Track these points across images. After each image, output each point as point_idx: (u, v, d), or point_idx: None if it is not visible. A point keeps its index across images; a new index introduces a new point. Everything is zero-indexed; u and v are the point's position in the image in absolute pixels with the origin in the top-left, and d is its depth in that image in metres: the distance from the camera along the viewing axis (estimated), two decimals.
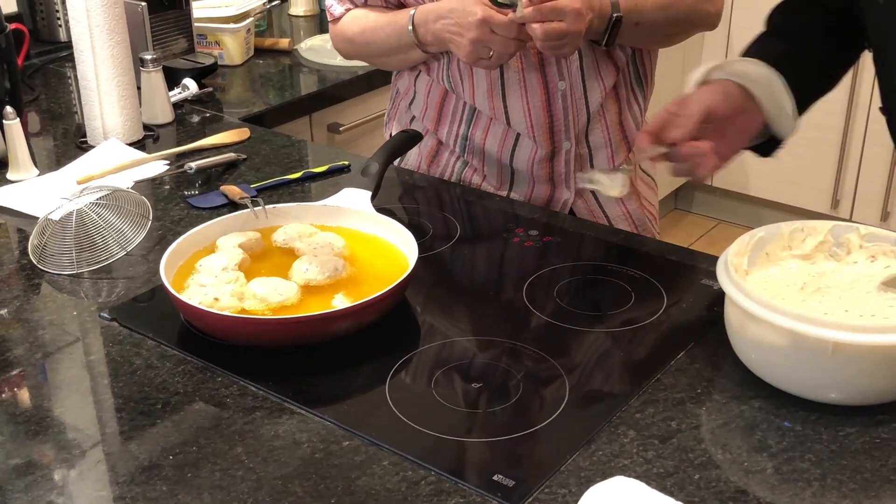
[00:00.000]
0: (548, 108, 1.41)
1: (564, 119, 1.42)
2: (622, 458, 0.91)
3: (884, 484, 0.88)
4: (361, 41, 1.48)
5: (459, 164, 1.52)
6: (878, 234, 1.09)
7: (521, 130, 1.43)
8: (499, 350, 1.08)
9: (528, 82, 1.39)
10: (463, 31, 1.29)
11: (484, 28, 1.26)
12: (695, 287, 1.19)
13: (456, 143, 1.50)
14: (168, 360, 1.07)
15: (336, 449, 0.92)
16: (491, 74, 1.40)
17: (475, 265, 1.31)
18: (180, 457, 0.92)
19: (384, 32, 1.43)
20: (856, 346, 0.92)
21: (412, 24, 1.37)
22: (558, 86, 1.40)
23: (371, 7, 1.47)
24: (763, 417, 0.96)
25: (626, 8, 1.33)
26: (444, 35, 1.33)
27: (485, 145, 1.47)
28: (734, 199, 3.52)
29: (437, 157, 1.54)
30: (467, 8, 1.28)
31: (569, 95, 1.41)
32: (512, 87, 1.40)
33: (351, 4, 1.49)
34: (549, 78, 1.39)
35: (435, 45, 1.38)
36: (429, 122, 1.51)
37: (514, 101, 1.41)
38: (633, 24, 1.34)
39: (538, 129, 1.42)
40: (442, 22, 1.32)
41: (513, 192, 1.49)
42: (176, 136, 1.72)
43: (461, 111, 1.47)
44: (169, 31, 1.98)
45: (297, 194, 1.45)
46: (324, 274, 1.13)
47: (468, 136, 1.48)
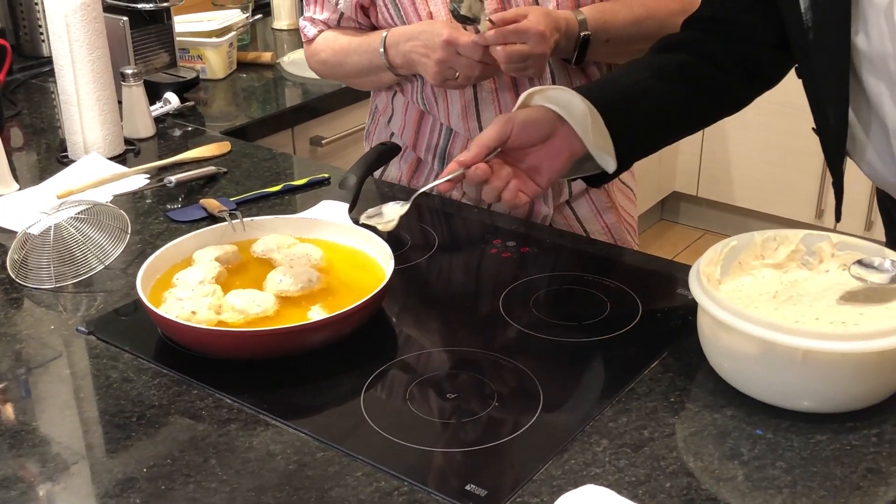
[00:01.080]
0: None
1: None
2: (594, 466, 0.91)
3: (853, 490, 0.88)
4: (335, 62, 1.49)
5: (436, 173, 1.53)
6: (849, 243, 1.10)
7: None
8: (474, 361, 1.09)
9: (501, 102, 1.40)
10: (429, 53, 1.30)
11: (449, 49, 1.27)
12: (670, 297, 1.20)
13: (435, 160, 1.51)
14: (144, 373, 1.07)
15: (310, 460, 0.93)
16: (465, 95, 1.40)
17: (452, 276, 1.32)
18: (155, 469, 0.92)
19: (356, 54, 1.45)
20: (826, 354, 0.92)
21: (384, 46, 1.39)
22: None
23: (344, 29, 1.48)
24: (735, 425, 0.97)
25: (595, 26, 1.33)
26: (412, 57, 1.34)
27: None
28: (719, 210, 3.54)
29: (418, 173, 1.55)
30: (434, 29, 1.30)
31: None
32: (486, 108, 1.41)
33: (324, 26, 1.50)
34: None
35: (404, 67, 1.38)
36: (407, 139, 1.52)
37: (488, 122, 1.40)
38: (603, 42, 1.35)
39: None
40: (411, 43, 1.34)
41: (492, 207, 1.50)
42: (157, 150, 1.73)
43: (438, 129, 1.48)
44: (151, 46, 1.99)
45: (276, 207, 1.46)
46: (297, 285, 1.13)
47: (446, 154, 1.49)
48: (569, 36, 1.32)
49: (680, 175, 3.56)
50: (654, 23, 1.41)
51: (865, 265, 1.04)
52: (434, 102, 1.44)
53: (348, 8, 1.44)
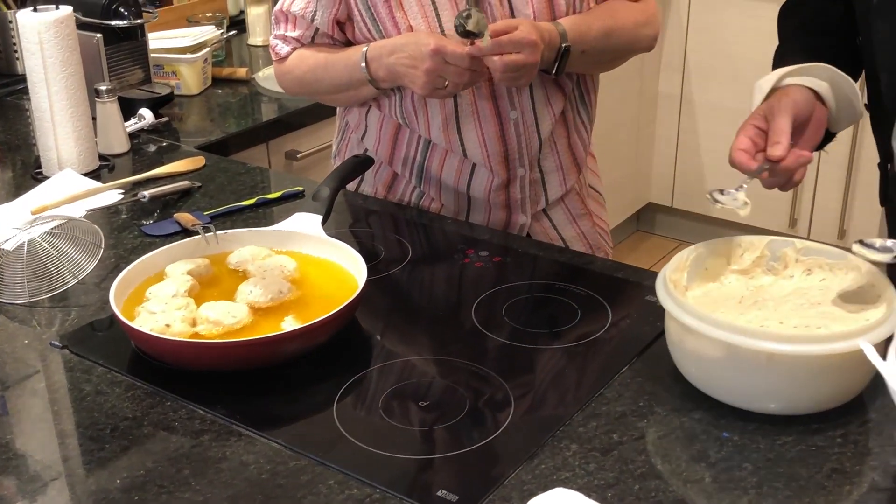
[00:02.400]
0: (502, 137, 1.43)
1: (518, 147, 1.45)
2: (564, 470, 0.93)
3: (818, 490, 0.90)
4: (310, 79, 1.48)
5: (416, 194, 1.53)
6: (813, 248, 1.12)
7: (476, 160, 1.45)
8: (446, 368, 1.10)
9: (481, 113, 1.42)
10: (417, 63, 1.30)
11: (437, 58, 1.28)
12: (639, 303, 1.22)
13: (412, 175, 1.51)
14: (118, 386, 1.07)
15: (282, 469, 0.93)
16: (445, 108, 1.42)
17: (426, 286, 1.33)
18: (128, 481, 0.93)
19: (335, 70, 1.44)
20: (789, 357, 0.94)
21: (365, 60, 1.38)
22: (510, 115, 1.42)
23: (318, 46, 1.48)
24: (702, 429, 0.98)
25: (573, 38, 1.36)
26: (397, 69, 1.34)
27: (441, 176, 1.49)
28: (694, 220, 3.57)
29: (394, 187, 1.56)
30: (420, 40, 1.30)
31: (521, 124, 1.43)
32: (466, 119, 1.42)
33: (297, 43, 1.49)
34: (502, 108, 1.42)
35: (388, 80, 1.38)
36: (382, 154, 1.52)
37: (468, 133, 1.43)
38: (579, 53, 1.38)
39: (494, 157, 1.44)
40: (395, 56, 1.34)
41: (470, 218, 1.51)
42: (132, 165, 1.73)
43: (416, 144, 1.49)
44: (125, 62, 2.00)
45: (250, 220, 1.46)
46: (267, 296, 1.14)
47: (424, 168, 1.49)
48: (551, 47, 1.34)
49: (655, 187, 3.59)
50: (622, 34, 1.44)
51: (866, 245, 1.05)
52: (414, 116, 1.45)
53: (324, 24, 1.44)
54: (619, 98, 3.21)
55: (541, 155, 1.48)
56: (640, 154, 3.47)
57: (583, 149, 1.53)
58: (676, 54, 3.36)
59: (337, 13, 1.43)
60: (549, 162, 1.49)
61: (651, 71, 3.37)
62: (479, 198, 1.49)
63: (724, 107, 3.30)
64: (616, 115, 3.24)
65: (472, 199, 1.50)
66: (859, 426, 0.98)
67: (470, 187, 1.48)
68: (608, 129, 3.19)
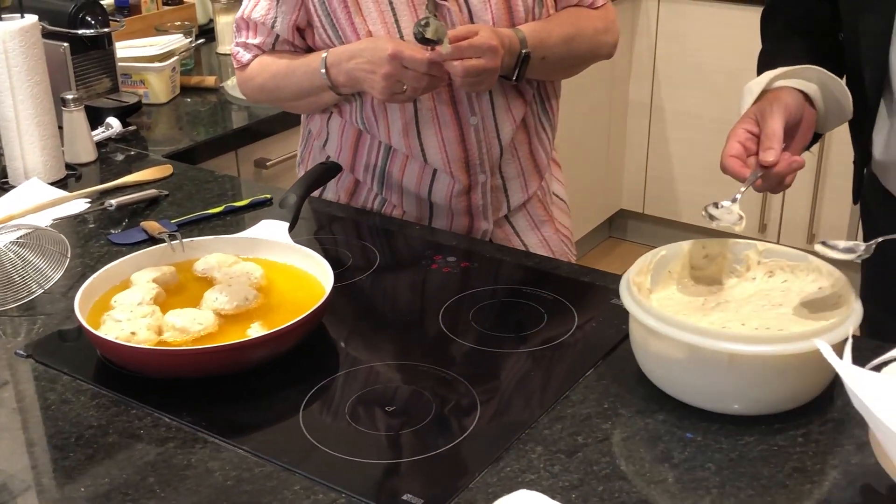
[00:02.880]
0: (462, 142, 1.44)
1: (479, 153, 1.45)
2: (529, 473, 0.93)
3: (779, 489, 0.91)
4: (272, 86, 1.49)
5: (378, 201, 1.54)
6: (774, 250, 1.14)
7: (437, 166, 1.46)
8: (413, 374, 1.10)
9: (441, 119, 1.42)
10: (375, 68, 1.31)
11: (395, 63, 1.29)
12: (604, 307, 1.22)
13: (373, 181, 1.52)
14: (83, 394, 1.07)
15: (248, 476, 0.93)
16: (405, 113, 1.42)
17: (393, 292, 1.33)
18: (91, 489, 0.92)
19: (296, 76, 1.44)
20: (750, 357, 0.95)
21: (325, 66, 1.39)
22: (470, 120, 1.43)
23: (279, 53, 1.48)
24: (666, 430, 0.99)
25: (533, 44, 1.37)
26: (357, 74, 1.35)
27: (402, 182, 1.49)
28: (666, 226, 3.60)
29: (356, 194, 1.56)
30: (378, 45, 1.31)
31: (481, 129, 1.44)
32: (426, 124, 1.43)
33: (258, 50, 1.49)
34: (462, 113, 1.42)
35: (348, 85, 1.39)
36: (344, 161, 1.53)
37: (429, 138, 1.44)
38: (539, 59, 1.39)
39: (454, 163, 1.45)
40: (354, 61, 1.34)
41: (432, 225, 1.52)
42: (99, 174, 1.73)
43: (377, 150, 1.49)
44: (92, 71, 1.99)
45: (218, 228, 1.46)
46: (232, 303, 1.14)
47: (385, 174, 1.50)
48: (511, 53, 1.35)
49: (626, 193, 3.61)
50: (582, 41, 1.45)
51: (829, 246, 1.06)
52: (374, 122, 1.46)
53: (285, 30, 1.45)
54: (589, 106, 3.23)
55: (502, 161, 1.49)
56: (611, 161, 3.50)
57: (544, 155, 1.54)
58: (646, 62, 3.39)
59: (297, 19, 1.43)
60: (511, 168, 1.50)
61: (621, 79, 3.40)
62: (440, 204, 1.50)
63: (694, 113, 3.33)
64: (587, 123, 3.26)
65: (433, 205, 1.50)
66: (820, 425, 0.99)
67: (431, 193, 1.49)
68: (579, 136, 3.21)
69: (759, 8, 1.43)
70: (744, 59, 3.15)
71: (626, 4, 3.22)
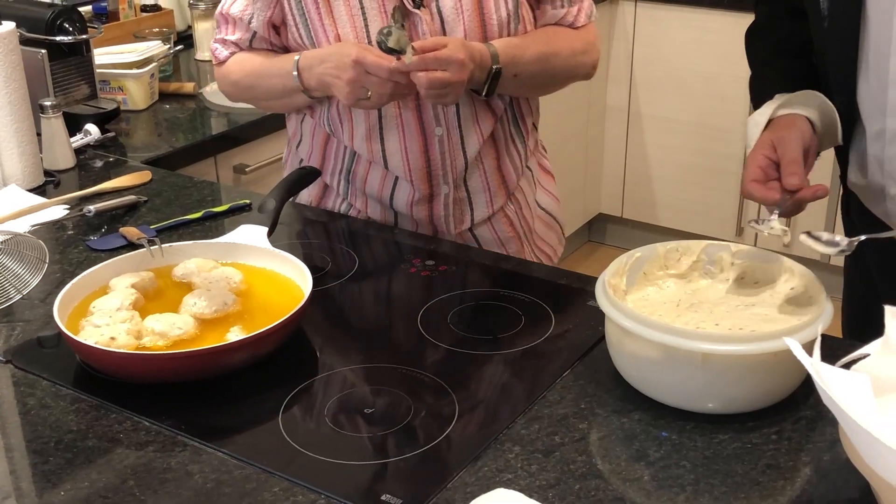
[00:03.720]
0: (425, 152, 1.43)
1: (442, 164, 1.44)
2: (507, 472, 0.94)
3: (753, 486, 0.92)
4: (246, 84, 1.50)
5: (345, 206, 1.54)
6: (747, 252, 1.15)
7: (398, 174, 1.45)
8: (392, 376, 1.11)
9: (405, 127, 1.42)
10: (340, 73, 1.32)
11: (358, 68, 1.29)
12: (582, 309, 1.24)
13: (339, 186, 1.52)
14: (62, 399, 1.07)
15: (227, 478, 0.94)
16: (369, 118, 1.43)
17: (372, 296, 1.34)
18: (71, 493, 0.92)
19: (269, 77, 1.45)
20: (723, 356, 0.97)
21: (297, 69, 1.40)
22: (435, 131, 1.42)
23: (256, 51, 1.49)
24: (642, 429, 1.00)
25: (505, 60, 1.37)
26: (325, 79, 1.35)
27: (365, 188, 1.49)
28: (644, 230, 3.62)
29: (324, 200, 1.57)
30: (343, 50, 1.33)
31: (446, 141, 1.43)
32: (390, 132, 1.43)
33: (235, 48, 1.50)
34: (427, 123, 1.42)
35: (318, 89, 1.40)
36: (314, 164, 1.53)
37: (391, 145, 1.43)
38: (511, 76, 1.39)
39: (415, 172, 1.44)
40: (323, 66, 1.35)
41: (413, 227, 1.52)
42: (78, 180, 1.73)
43: (343, 154, 1.49)
44: (71, 78, 1.99)
45: (197, 234, 1.47)
46: (211, 308, 1.14)
47: (350, 179, 1.50)
48: (482, 67, 1.35)
49: (605, 197, 3.63)
50: (559, 60, 1.45)
51: (814, 237, 1.09)
52: (339, 124, 1.46)
53: (260, 26, 1.45)
54: (568, 111, 3.25)
55: (467, 174, 1.47)
56: (589, 166, 3.52)
57: (513, 172, 1.52)
58: (623, 68, 3.41)
59: (272, 16, 1.44)
60: (476, 182, 1.49)
61: (599, 84, 3.42)
62: (402, 212, 1.49)
63: (671, 118, 3.36)
64: (565, 128, 3.28)
65: (397, 213, 1.50)
66: (793, 423, 1.01)
67: (393, 200, 1.49)
68: (558, 141, 3.23)
69: (735, 13, 1.45)
70: (720, 65, 3.20)
71: (603, 9, 3.24)
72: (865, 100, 1.24)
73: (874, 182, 1.28)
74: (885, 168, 1.25)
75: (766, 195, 1.17)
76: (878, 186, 1.28)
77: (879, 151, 1.24)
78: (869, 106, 1.23)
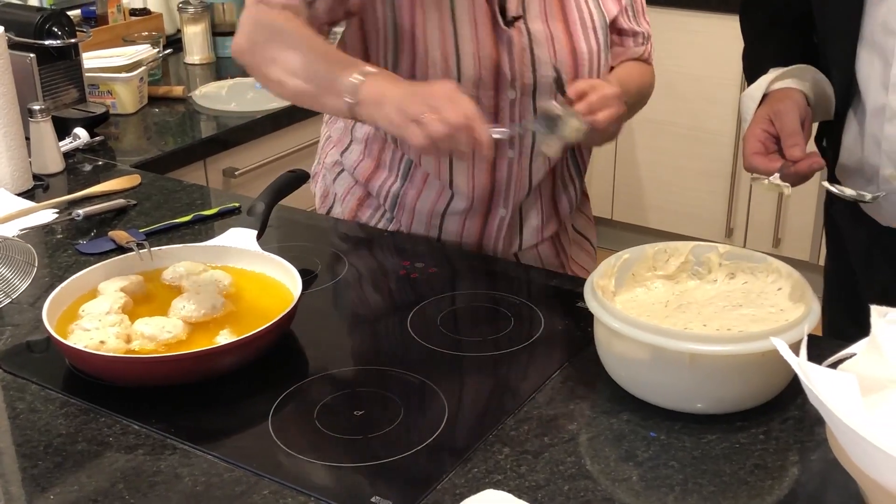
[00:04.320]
0: (492, 172, 1.38)
1: (506, 186, 1.40)
2: (496, 473, 0.94)
3: (741, 485, 0.93)
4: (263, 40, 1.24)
5: (384, 222, 1.49)
6: (735, 253, 1.16)
7: (461, 191, 1.39)
8: (382, 379, 1.11)
9: None
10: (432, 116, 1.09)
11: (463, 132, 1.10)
12: (571, 310, 1.24)
13: (387, 199, 1.45)
14: (52, 403, 1.07)
15: (217, 481, 0.94)
16: None
17: (362, 298, 1.34)
18: (61, 497, 0.92)
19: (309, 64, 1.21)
20: (711, 357, 0.97)
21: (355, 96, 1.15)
22: (508, 153, 1.37)
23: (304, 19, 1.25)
24: (630, 429, 1.01)
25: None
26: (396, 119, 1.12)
27: (417, 202, 1.43)
28: (634, 232, 3.63)
29: (361, 212, 1.50)
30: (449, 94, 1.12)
31: (515, 164, 1.38)
32: None
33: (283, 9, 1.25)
34: (500, 144, 1.33)
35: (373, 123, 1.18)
36: (361, 174, 1.46)
37: (459, 161, 1.37)
38: None
39: (478, 191, 1.39)
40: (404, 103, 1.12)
41: None
42: (67, 184, 1.72)
43: (398, 165, 1.43)
44: (59, 82, 1.99)
45: (186, 237, 1.47)
46: (200, 311, 1.15)
47: (401, 193, 1.44)
48: None
49: (595, 199, 3.59)
50: (645, 93, 1.48)
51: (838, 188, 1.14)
52: None
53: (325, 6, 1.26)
54: None
55: (525, 200, 1.44)
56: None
57: (567, 204, 1.50)
58: None
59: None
60: (531, 208, 1.45)
61: None
62: (451, 231, 1.44)
63: (661, 120, 3.36)
64: None
65: (443, 231, 1.45)
66: (781, 423, 1.01)
67: (444, 218, 1.43)
68: None
69: (724, 16, 1.47)
70: (708, 67, 3.21)
71: None
72: (867, 75, 1.24)
73: (868, 161, 1.27)
74: (883, 147, 1.24)
75: (770, 166, 1.19)
76: (873, 166, 1.27)
77: (878, 129, 1.24)
78: (870, 81, 1.24)
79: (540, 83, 1.34)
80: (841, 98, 1.28)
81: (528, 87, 1.34)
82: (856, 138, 1.29)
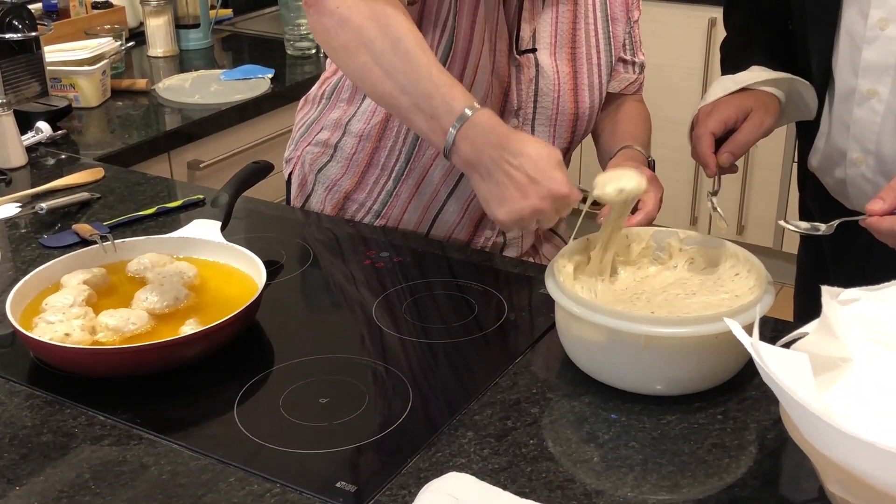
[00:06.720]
0: None
1: None
2: (460, 457, 0.96)
3: (699, 464, 0.95)
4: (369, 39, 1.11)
5: (371, 216, 1.49)
6: (694, 238, 1.18)
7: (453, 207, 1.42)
8: (347, 367, 1.12)
9: None
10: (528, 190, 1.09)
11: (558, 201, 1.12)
12: (534, 297, 1.26)
13: (376, 201, 1.46)
14: (16, 395, 1.07)
15: (183, 470, 0.95)
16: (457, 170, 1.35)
17: (327, 287, 1.35)
18: (27, 487, 0.93)
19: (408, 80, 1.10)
20: (665, 339, 0.99)
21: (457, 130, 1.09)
22: None
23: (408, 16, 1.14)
24: (591, 412, 1.03)
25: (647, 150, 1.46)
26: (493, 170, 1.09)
27: (408, 207, 1.45)
28: None
29: (347, 207, 1.50)
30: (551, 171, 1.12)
31: None
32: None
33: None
34: None
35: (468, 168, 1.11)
36: (352, 172, 1.46)
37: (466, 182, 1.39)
38: None
39: (471, 211, 1.43)
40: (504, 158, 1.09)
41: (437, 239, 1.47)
42: (30, 178, 1.72)
43: (392, 166, 1.43)
44: (21, 75, 1.97)
45: (151, 229, 1.47)
46: (163, 302, 1.15)
47: (392, 193, 1.45)
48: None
49: None
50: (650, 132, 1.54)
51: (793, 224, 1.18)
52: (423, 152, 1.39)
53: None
54: None
55: None
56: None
57: None
58: None
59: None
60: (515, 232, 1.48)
61: None
62: (440, 233, 1.47)
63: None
64: None
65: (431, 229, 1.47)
66: (738, 403, 1.04)
67: (433, 226, 1.46)
68: None
69: (686, 6, 1.48)
70: (671, 57, 3.24)
71: None
72: (839, 59, 1.27)
73: (836, 145, 1.31)
74: (851, 130, 1.28)
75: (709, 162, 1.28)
76: (840, 150, 1.31)
77: (847, 113, 1.27)
78: (841, 65, 1.27)
79: (538, 114, 1.39)
80: (819, 86, 1.31)
81: (529, 117, 1.39)
82: (826, 122, 1.33)
